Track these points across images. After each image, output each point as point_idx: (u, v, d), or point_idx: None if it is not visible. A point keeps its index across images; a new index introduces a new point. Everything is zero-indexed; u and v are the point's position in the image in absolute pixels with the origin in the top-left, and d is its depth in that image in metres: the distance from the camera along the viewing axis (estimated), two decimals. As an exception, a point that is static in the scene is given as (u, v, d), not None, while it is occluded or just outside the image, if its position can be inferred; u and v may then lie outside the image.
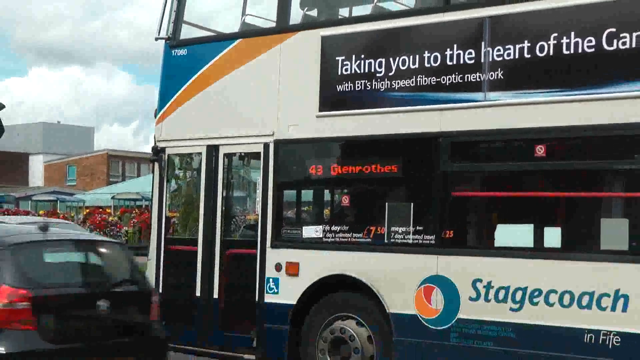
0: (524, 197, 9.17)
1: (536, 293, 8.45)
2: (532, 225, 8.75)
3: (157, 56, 11.29)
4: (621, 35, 8.16)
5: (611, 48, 8.22)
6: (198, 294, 10.67)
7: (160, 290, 10.95)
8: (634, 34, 8.09)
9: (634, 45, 8.10)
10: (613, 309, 8.03)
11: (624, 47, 8.15)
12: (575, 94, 8.47)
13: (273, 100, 10.26)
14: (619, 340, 7.96)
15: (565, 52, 8.48)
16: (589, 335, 8.12)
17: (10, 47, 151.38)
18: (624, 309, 7.97)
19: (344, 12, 11.34)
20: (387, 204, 9.52)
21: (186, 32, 11.22)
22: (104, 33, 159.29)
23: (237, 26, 11.10)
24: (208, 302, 10.58)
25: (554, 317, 8.33)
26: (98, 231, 35.64)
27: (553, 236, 8.61)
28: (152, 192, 11.32)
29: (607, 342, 8.02)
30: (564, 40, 8.48)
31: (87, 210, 42.22)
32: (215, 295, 10.54)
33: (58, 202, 53.88)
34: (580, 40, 8.40)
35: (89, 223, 36.80)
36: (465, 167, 9.41)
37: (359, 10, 10.98)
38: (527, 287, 8.50)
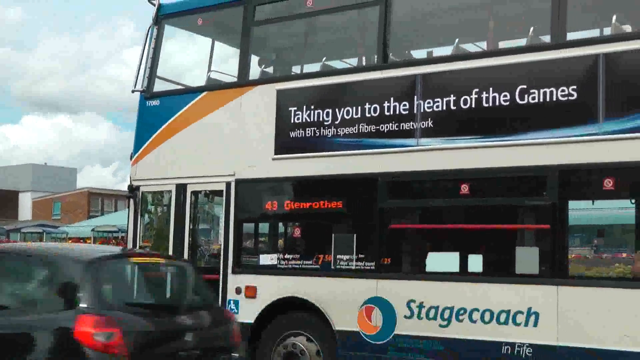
0: (451, 228, 9.22)
1: (462, 311, 8.48)
2: (457, 253, 8.76)
3: (136, 106, 11.28)
4: (531, 91, 8.30)
5: (523, 102, 8.36)
6: (169, 314, 10.60)
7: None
8: (541, 90, 8.24)
9: (541, 100, 8.24)
10: (526, 324, 8.10)
11: (533, 102, 8.30)
12: (494, 141, 8.56)
13: (234, 145, 10.22)
14: (531, 351, 8.04)
15: (484, 104, 8.58)
16: (506, 347, 8.17)
17: (6, 98, 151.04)
18: (535, 324, 8.05)
19: (296, 69, 11.39)
20: (333, 235, 9.50)
21: (159, 86, 11.17)
22: (90, 86, 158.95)
23: (203, 81, 11.08)
24: (177, 321, 10.51)
25: (476, 332, 8.36)
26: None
27: (475, 262, 8.66)
28: (128, 224, 11.23)
29: (521, 353, 8.08)
30: (484, 95, 8.58)
31: (70, 241, 41.62)
32: (184, 315, 10.48)
33: (44, 234, 53.01)
34: (497, 95, 8.51)
35: (73, 252, 36.24)
36: (401, 204, 9.42)
37: (310, 67, 11.01)
38: (453, 307, 8.53)
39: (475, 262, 8.67)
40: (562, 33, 8.40)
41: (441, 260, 8.89)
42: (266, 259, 10.00)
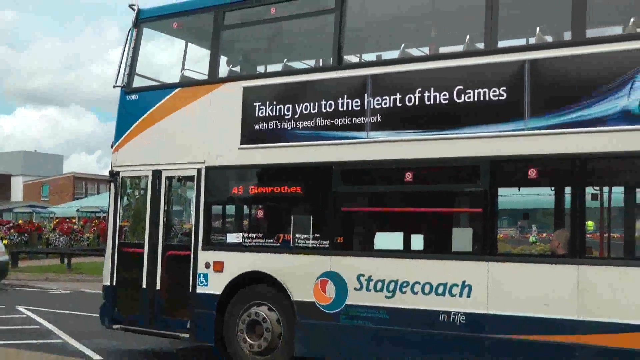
0: (396, 211, 9.30)
1: (405, 284, 8.54)
2: (401, 233, 8.81)
3: (117, 100, 11.17)
4: (467, 91, 8.36)
5: (459, 101, 8.41)
6: (144, 286, 10.50)
7: (114, 284, 10.87)
8: (476, 91, 8.31)
9: (475, 99, 8.31)
10: (460, 295, 8.19)
11: (468, 101, 8.35)
12: (434, 134, 8.62)
13: (205, 135, 10.17)
14: (465, 318, 8.14)
15: (426, 102, 8.61)
16: (442, 315, 8.26)
17: (1, 92, 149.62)
18: (468, 295, 8.15)
19: (260, 69, 11.34)
20: (292, 216, 9.51)
21: (138, 82, 11.07)
22: (77, 82, 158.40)
23: (177, 78, 10.97)
24: (152, 293, 10.41)
25: (417, 302, 8.43)
26: (66, 236, 34.94)
27: (417, 241, 8.73)
28: (109, 206, 11.12)
29: (455, 321, 8.18)
30: (426, 94, 8.62)
31: (57, 220, 41.11)
32: (158, 287, 10.38)
33: (34, 213, 52.46)
34: (437, 94, 8.56)
35: (58, 230, 35.92)
36: (352, 189, 9.43)
37: (273, 67, 10.94)
38: (398, 280, 8.59)
39: (417, 241, 8.74)
40: (494, 41, 8.47)
41: (387, 239, 8.94)
42: (232, 238, 9.96)
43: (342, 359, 9.13)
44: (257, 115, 9.78)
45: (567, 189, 8.29)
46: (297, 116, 9.49)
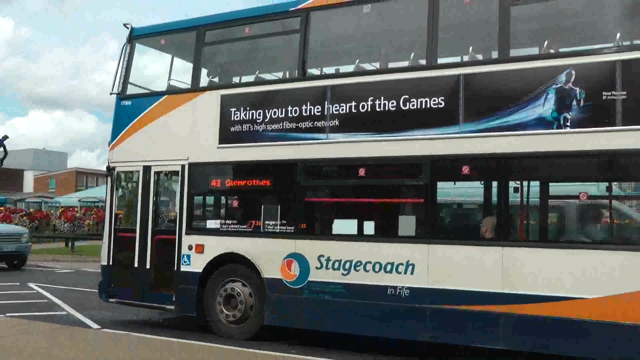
0: (351, 202, 9.31)
1: (358, 263, 8.59)
2: (356, 220, 8.84)
3: (114, 105, 11.04)
4: (411, 100, 8.42)
5: (405, 108, 8.45)
6: (136, 265, 10.43)
7: (111, 263, 10.80)
8: (419, 99, 8.37)
9: (418, 107, 8.36)
10: (405, 272, 8.26)
11: (413, 108, 8.40)
12: (384, 136, 8.64)
13: (188, 136, 10.10)
14: (408, 292, 8.22)
15: (377, 109, 8.65)
16: (390, 289, 8.32)
17: (16, 97, 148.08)
18: (412, 273, 8.22)
19: (236, 79, 11.25)
20: (262, 206, 9.48)
21: (131, 90, 10.95)
22: (81, 88, 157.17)
23: (165, 87, 10.87)
24: (143, 271, 10.35)
25: (369, 278, 8.48)
26: (70, 223, 34.55)
27: (369, 227, 8.77)
28: (106, 197, 11.03)
29: (401, 294, 8.25)
30: (377, 102, 8.65)
31: (62, 209, 40.58)
32: (148, 266, 10.31)
33: (43, 203, 51.76)
34: (387, 102, 8.59)
35: (63, 217, 35.52)
36: (314, 182, 9.44)
37: (246, 78, 10.86)
38: (352, 260, 8.64)
39: (369, 227, 8.78)
40: (434, 58, 8.52)
41: (344, 225, 8.96)
42: (212, 224, 9.93)
43: (305, 327, 9.13)
44: (233, 119, 9.74)
45: (494, 183, 8.36)
46: (267, 120, 9.46)
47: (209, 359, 7.78)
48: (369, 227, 8.79)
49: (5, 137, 33.40)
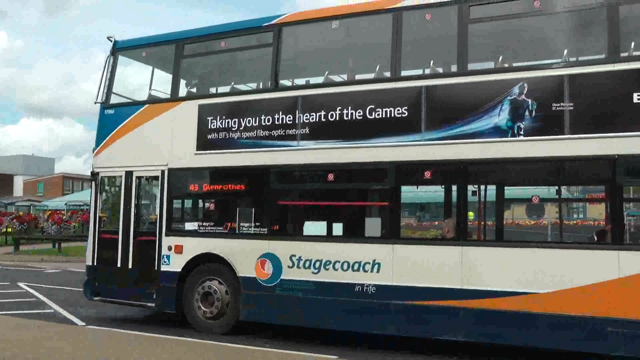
0: (321, 205, 9.24)
1: (328, 262, 8.55)
2: (325, 222, 8.81)
3: (98, 114, 10.91)
4: (377, 109, 8.41)
5: (371, 117, 8.45)
6: (119, 265, 10.28)
7: (95, 263, 10.62)
8: (384, 109, 8.36)
9: (384, 116, 8.36)
10: (372, 271, 8.24)
11: (378, 117, 8.40)
12: (351, 143, 8.61)
13: (167, 143, 9.99)
14: (375, 289, 8.20)
15: (345, 118, 8.63)
16: (358, 287, 8.30)
17: (9, 105, 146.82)
18: (378, 271, 8.21)
19: (213, 90, 11.16)
20: (237, 208, 9.40)
21: (114, 99, 10.78)
22: (69, 98, 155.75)
23: (146, 96, 10.75)
24: (125, 270, 10.21)
25: (338, 277, 8.45)
26: (57, 225, 34.03)
27: (338, 228, 8.74)
28: (91, 200, 10.87)
29: (368, 291, 8.23)
30: (344, 111, 8.64)
31: (49, 212, 39.98)
32: (130, 266, 10.19)
33: (31, 206, 50.92)
34: (354, 112, 8.58)
35: (51, 220, 34.94)
36: (286, 187, 9.36)
37: (223, 89, 10.79)
38: (322, 259, 8.60)
39: (338, 228, 8.76)
40: (398, 70, 8.53)
41: (314, 227, 8.93)
42: (190, 226, 9.83)
43: (278, 322, 9.07)
44: (209, 127, 9.66)
45: (454, 187, 8.39)
46: (241, 128, 9.39)
47: (187, 352, 7.68)
48: (338, 229, 8.75)
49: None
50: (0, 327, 9.04)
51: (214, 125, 9.61)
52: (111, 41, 10.83)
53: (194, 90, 10.95)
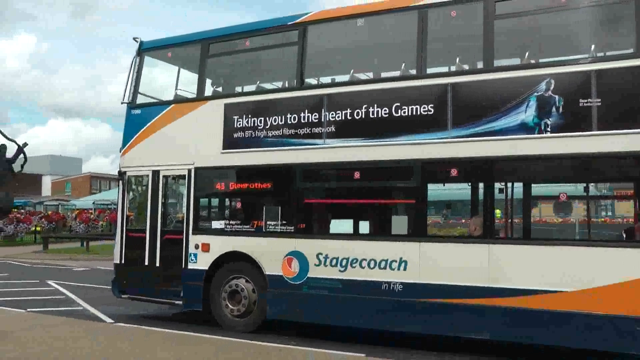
0: (347, 203, 9.29)
1: (354, 260, 8.59)
2: (352, 220, 8.88)
3: (125, 114, 11.04)
4: (403, 107, 8.43)
5: (397, 115, 8.47)
6: (146, 263, 10.44)
7: (123, 262, 10.79)
8: (410, 107, 8.38)
9: (410, 113, 8.38)
10: (398, 269, 8.26)
11: (404, 115, 8.42)
12: (377, 141, 8.63)
13: (193, 142, 10.10)
14: (401, 287, 8.22)
15: (371, 116, 8.66)
16: (384, 285, 8.32)
17: (37, 107, 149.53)
18: (405, 269, 8.23)
19: (238, 89, 11.24)
20: (264, 207, 9.48)
21: (140, 99, 10.94)
22: (96, 99, 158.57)
23: (172, 96, 10.88)
24: (152, 269, 10.36)
25: (364, 275, 8.48)
26: (84, 224, 34.62)
27: (364, 226, 8.81)
28: (118, 199, 11.03)
29: (395, 289, 8.25)
30: (370, 109, 8.67)
31: (77, 211, 40.61)
32: (157, 264, 10.33)
33: (59, 206, 51.82)
34: (379, 109, 8.61)
35: (79, 219, 35.53)
36: (312, 185, 9.39)
37: (248, 88, 10.86)
38: (349, 257, 8.63)
39: (364, 226, 8.83)
40: (424, 68, 8.53)
41: (340, 225, 8.99)
42: (217, 224, 9.92)
43: (304, 320, 9.13)
44: (235, 126, 9.74)
45: (480, 185, 8.37)
46: (267, 127, 9.46)
47: (215, 350, 7.79)
48: (364, 227, 8.81)
49: (25, 145, 33.46)
50: (30, 324, 9.22)
51: (239, 124, 9.69)
52: (137, 42, 10.98)
53: (220, 89, 11.04)
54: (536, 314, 7.39)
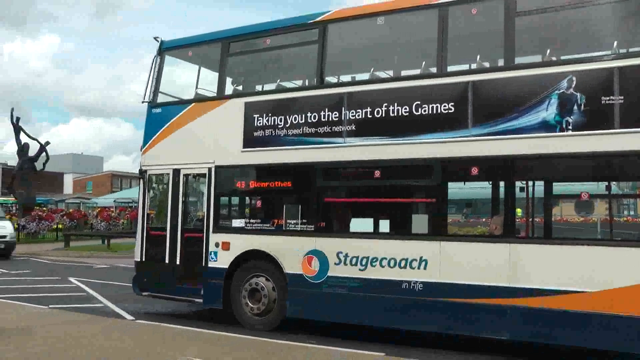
0: (367, 201, 9.31)
1: (374, 259, 8.60)
2: (372, 219, 8.86)
3: (146, 113, 11.19)
4: (423, 105, 8.42)
5: (417, 113, 8.47)
6: (167, 261, 10.54)
7: (143, 259, 10.93)
8: (430, 105, 8.37)
9: (430, 112, 8.37)
10: (419, 267, 8.26)
11: (424, 113, 8.41)
12: (397, 140, 8.64)
13: (214, 141, 10.17)
14: (422, 286, 8.22)
15: (391, 114, 8.66)
16: (404, 284, 8.32)
17: (60, 105, 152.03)
18: (425, 268, 8.23)
19: (258, 87, 11.29)
20: (284, 205, 9.52)
21: (161, 98, 11.06)
22: (118, 98, 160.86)
23: (192, 95, 10.95)
24: (173, 266, 10.46)
25: (384, 274, 8.49)
26: (106, 222, 35.09)
27: (384, 225, 8.78)
28: (139, 198, 11.15)
29: (415, 288, 8.25)
30: (390, 107, 8.67)
31: (99, 209, 41.09)
32: (177, 262, 10.43)
33: (81, 204, 52.53)
34: (400, 108, 8.61)
35: (100, 217, 36.01)
36: (332, 184, 9.44)
37: (268, 86, 10.90)
38: (369, 256, 8.66)
39: (384, 225, 8.80)
40: (444, 66, 8.52)
41: (360, 224, 8.98)
42: (237, 223, 9.98)
43: (324, 319, 9.18)
44: (256, 124, 9.80)
45: (501, 183, 8.37)
46: (287, 125, 9.50)
47: (235, 348, 7.87)
48: (384, 225, 8.79)
49: (47, 143, 34.01)
50: (52, 321, 9.36)
51: (260, 123, 9.74)
52: (158, 41, 11.05)
53: (240, 88, 11.10)
54: (556, 314, 7.35)
